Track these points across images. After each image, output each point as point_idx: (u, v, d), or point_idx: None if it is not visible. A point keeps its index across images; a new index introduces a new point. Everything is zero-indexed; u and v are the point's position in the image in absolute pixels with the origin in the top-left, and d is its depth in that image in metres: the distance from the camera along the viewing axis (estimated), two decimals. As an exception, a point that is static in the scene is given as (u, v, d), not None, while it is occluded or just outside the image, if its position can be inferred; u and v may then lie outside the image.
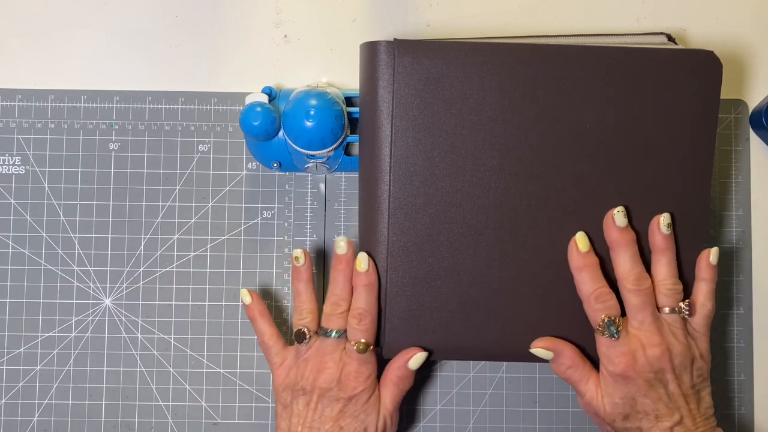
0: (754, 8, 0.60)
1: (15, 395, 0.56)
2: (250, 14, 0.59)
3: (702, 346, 0.50)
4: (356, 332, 0.50)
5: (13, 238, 0.57)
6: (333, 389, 0.49)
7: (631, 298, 0.49)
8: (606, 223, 0.50)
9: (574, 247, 0.50)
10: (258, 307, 0.53)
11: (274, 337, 0.53)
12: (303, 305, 0.52)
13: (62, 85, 0.58)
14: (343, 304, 0.51)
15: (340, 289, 0.51)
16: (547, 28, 0.59)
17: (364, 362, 0.50)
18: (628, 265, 0.49)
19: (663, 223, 0.50)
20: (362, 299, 0.51)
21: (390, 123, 0.50)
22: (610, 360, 0.48)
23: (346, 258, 0.51)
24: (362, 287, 0.51)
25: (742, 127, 0.59)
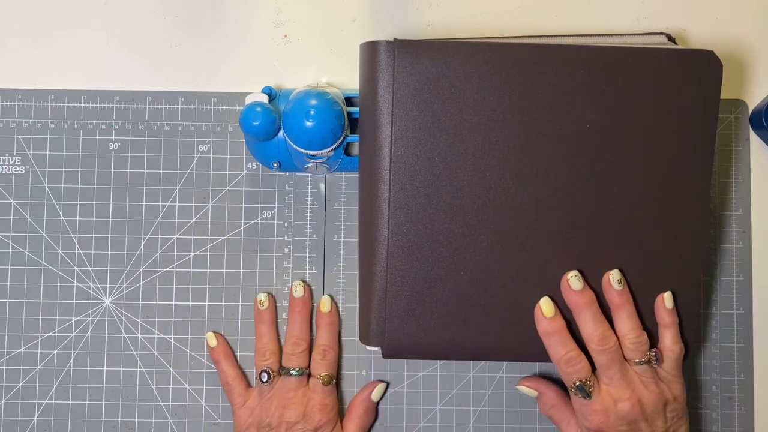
0: (754, 8, 0.60)
1: (15, 395, 0.56)
2: (250, 14, 0.59)
3: (675, 389, 0.50)
4: (320, 366, 0.54)
5: (13, 238, 0.57)
6: (299, 422, 0.52)
7: (599, 357, 0.50)
8: (563, 288, 0.51)
9: (540, 313, 0.50)
10: (223, 349, 0.56)
11: (237, 379, 0.55)
12: (266, 347, 0.55)
13: (62, 85, 0.58)
14: (302, 344, 0.55)
15: (299, 329, 0.55)
16: (547, 28, 0.59)
17: (327, 394, 0.54)
18: (591, 325, 0.50)
19: (613, 280, 0.50)
20: (325, 336, 0.55)
21: (390, 123, 0.50)
22: (585, 417, 0.50)
23: (302, 300, 0.56)
24: (326, 326, 0.56)
25: (742, 127, 0.59)
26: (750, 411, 0.57)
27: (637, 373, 0.50)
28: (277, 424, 0.52)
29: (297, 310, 0.56)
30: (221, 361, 0.56)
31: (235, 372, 0.56)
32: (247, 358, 0.57)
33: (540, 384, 0.54)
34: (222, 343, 0.56)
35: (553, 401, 0.53)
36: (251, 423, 0.53)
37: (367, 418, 0.55)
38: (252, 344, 0.57)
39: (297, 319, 0.56)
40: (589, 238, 0.51)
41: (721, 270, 0.58)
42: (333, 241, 0.58)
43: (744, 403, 0.57)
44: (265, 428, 0.53)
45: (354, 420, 0.55)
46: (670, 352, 0.50)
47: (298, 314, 0.56)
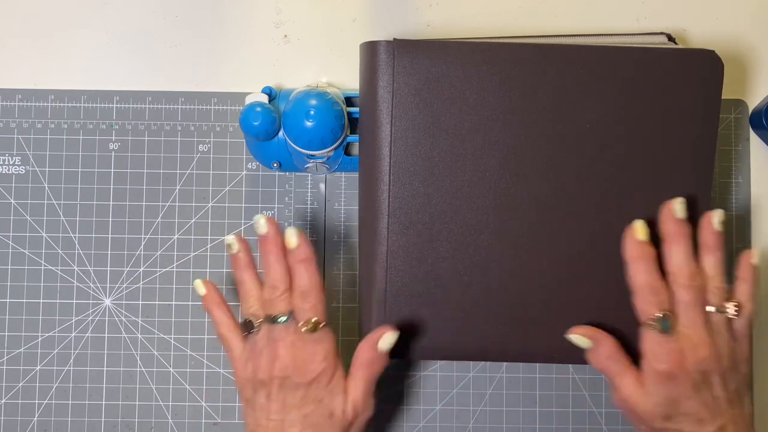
0: (754, 8, 0.60)
1: (15, 395, 0.56)
2: (250, 14, 0.59)
3: (744, 350, 0.48)
4: (303, 312, 0.48)
5: (13, 238, 0.57)
6: (290, 376, 0.47)
7: (684, 294, 0.47)
8: (663, 214, 0.48)
9: (631, 236, 0.48)
10: (213, 297, 0.51)
11: (230, 328, 0.50)
12: (248, 292, 0.50)
13: (62, 85, 0.58)
14: (280, 286, 0.48)
15: (273, 270, 0.49)
16: (547, 28, 0.59)
17: (317, 342, 0.47)
18: (684, 259, 0.47)
19: (716, 220, 0.48)
20: (302, 276, 0.48)
21: (390, 123, 0.50)
22: (657, 357, 0.46)
23: (270, 237, 0.49)
24: (299, 263, 0.48)
25: (742, 127, 0.59)
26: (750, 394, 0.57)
27: (713, 322, 0.47)
28: (269, 380, 0.47)
29: (267, 249, 0.49)
30: (213, 309, 0.51)
31: (229, 321, 0.50)
32: (247, 358, 0.57)
33: (597, 333, 0.49)
34: (212, 290, 0.51)
35: (611, 351, 0.48)
36: (246, 378, 0.48)
37: (374, 368, 0.49)
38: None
39: (270, 259, 0.49)
40: (588, 238, 0.51)
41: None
42: (333, 241, 0.58)
43: (744, 403, 0.57)
44: (259, 384, 0.48)
45: (360, 369, 0.48)
46: (745, 309, 0.47)
47: (269, 253, 0.49)
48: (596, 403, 0.57)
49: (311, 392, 0.47)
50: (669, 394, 0.46)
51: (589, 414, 0.57)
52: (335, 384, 0.48)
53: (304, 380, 0.47)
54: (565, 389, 0.57)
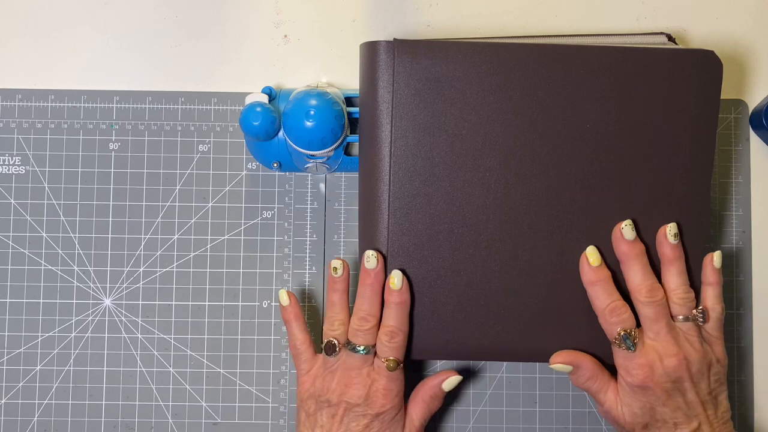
0: (754, 8, 0.60)
1: (15, 395, 0.56)
2: (250, 14, 0.59)
3: (718, 351, 0.50)
4: (387, 349, 0.50)
5: (13, 238, 0.57)
6: (360, 405, 0.49)
7: (645, 310, 0.49)
8: (614, 236, 0.50)
9: (586, 262, 0.50)
10: (294, 310, 0.53)
11: (306, 344, 0.52)
12: (336, 316, 0.51)
13: (62, 85, 0.58)
14: (371, 320, 0.50)
15: (368, 304, 0.51)
16: (547, 28, 0.59)
17: (392, 379, 0.50)
18: (640, 277, 0.49)
19: (670, 233, 0.50)
20: (393, 317, 0.50)
21: (390, 123, 0.50)
22: (628, 372, 0.49)
23: (375, 272, 0.50)
24: (395, 305, 0.50)
25: (742, 127, 0.59)
26: (750, 411, 0.57)
27: (682, 330, 0.49)
28: (337, 402, 0.49)
29: (368, 283, 0.51)
30: (292, 322, 0.52)
31: (304, 336, 0.52)
32: (248, 357, 0.57)
33: (575, 356, 0.51)
34: (294, 304, 0.53)
35: (590, 372, 0.50)
36: (312, 393, 0.51)
37: (433, 405, 0.52)
38: (254, 343, 0.57)
39: (366, 292, 0.51)
40: (588, 238, 0.51)
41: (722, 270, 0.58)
42: (333, 241, 0.58)
43: (744, 403, 0.57)
44: (324, 403, 0.50)
45: (419, 404, 0.51)
46: (713, 311, 0.50)
47: (368, 287, 0.51)
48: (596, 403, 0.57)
49: (375, 423, 0.50)
50: (644, 405, 0.49)
51: (589, 414, 0.57)
52: (397, 419, 0.50)
53: (372, 412, 0.49)
54: (565, 389, 0.57)
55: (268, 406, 0.57)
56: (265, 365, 0.57)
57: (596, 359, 0.51)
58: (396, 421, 0.50)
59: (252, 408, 0.57)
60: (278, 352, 0.57)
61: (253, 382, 0.57)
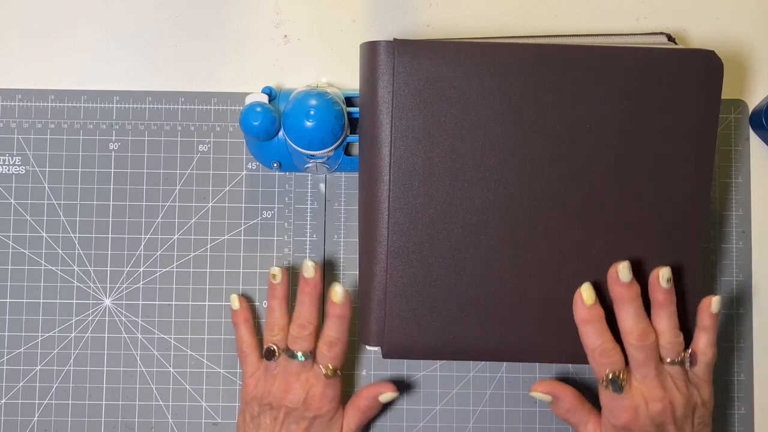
0: (754, 8, 0.60)
1: (15, 395, 0.56)
2: (250, 14, 0.59)
3: (704, 393, 0.50)
4: (326, 358, 0.52)
5: (13, 238, 0.57)
6: (299, 409, 0.51)
7: (635, 353, 0.49)
8: (610, 277, 0.50)
9: (579, 300, 0.50)
10: (244, 314, 0.55)
11: (251, 347, 0.54)
12: (276, 321, 0.54)
13: (62, 85, 0.58)
14: (309, 327, 0.52)
15: (307, 312, 0.52)
16: (547, 28, 0.59)
17: (330, 385, 0.52)
18: (633, 320, 0.49)
19: (663, 278, 0.49)
20: (334, 328, 0.52)
21: (390, 123, 0.50)
22: (613, 413, 0.49)
23: (313, 282, 0.52)
24: (335, 317, 0.52)
25: (742, 127, 0.59)
26: (750, 411, 0.57)
27: (669, 374, 0.49)
28: (278, 406, 0.51)
29: (306, 291, 0.53)
30: (240, 325, 0.55)
31: (251, 340, 0.54)
32: (247, 358, 0.57)
33: (554, 388, 0.52)
34: (244, 308, 0.55)
35: (570, 404, 0.51)
36: (254, 396, 0.53)
37: (369, 413, 0.54)
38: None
39: (305, 300, 0.53)
40: (588, 238, 0.51)
41: (721, 270, 0.58)
42: (333, 241, 0.58)
43: (744, 403, 0.57)
44: (266, 406, 0.52)
45: (355, 411, 0.53)
46: (703, 356, 0.50)
47: (307, 296, 0.53)
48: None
49: (314, 426, 0.52)
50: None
51: (589, 414, 0.57)
52: (335, 422, 0.53)
53: (310, 415, 0.51)
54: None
55: (268, 406, 0.57)
56: (265, 365, 0.57)
57: (577, 392, 0.51)
58: (333, 423, 0.52)
59: (252, 408, 0.57)
60: (278, 352, 0.57)
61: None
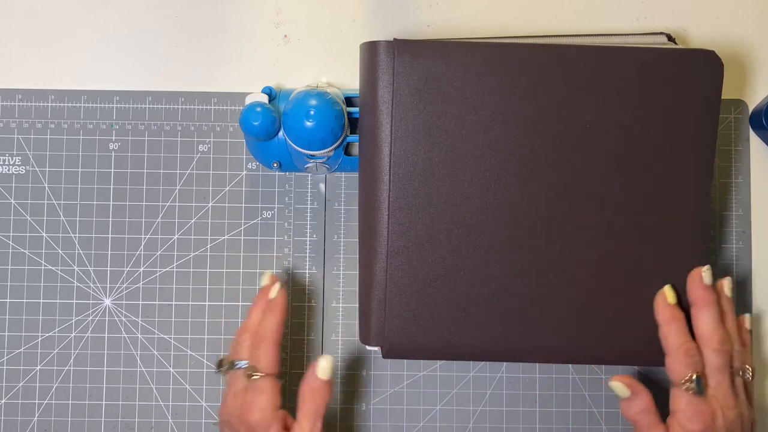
0: (754, 8, 0.60)
1: (15, 395, 0.56)
2: (250, 14, 0.59)
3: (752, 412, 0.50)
4: (253, 359, 0.49)
5: (13, 238, 0.57)
6: (232, 422, 0.48)
7: (715, 358, 0.48)
8: (692, 280, 0.50)
9: (662, 299, 0.50)
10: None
11: None
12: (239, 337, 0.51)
13: (62, 85, 0.58)
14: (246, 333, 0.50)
15: (249, 317, 0.51)
16: (548, 28, 0.59)
17: (258, 391, 0.48)
18: (713, 325, 0.49)
19: (727, 288, 0.51)
20: (263, 324, 0.50)
21: (390, 123, 0.50)
22: (689, 418, 0.48)
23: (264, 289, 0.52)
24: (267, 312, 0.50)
25: (742, 127, 0.59)
26: (750, 411, 0.57)
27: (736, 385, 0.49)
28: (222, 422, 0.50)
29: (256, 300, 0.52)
30: None
31: None
32: (247, 358, 0.57)
33: (636, 384, 0.50)
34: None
35: (645, 404, 0.49)
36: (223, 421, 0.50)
37: (317, 401, 0.48)
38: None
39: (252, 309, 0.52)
40: (588, 238, 0.51)
41: (721, 270, 0.58)
42: (333, 241, 0.58)
43: (744, 403, 0.57)
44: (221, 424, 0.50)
45: (301, 402, 0.48)
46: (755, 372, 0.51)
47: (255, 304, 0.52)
48: (596, 403, 0.57)
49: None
50: None
51: (589, 414, 0.57)
52: None
53: (242, 428, 0.48)
54: (565, 389, 0.57)
55: (268, 406, 0.57)
56: (265, 365, 0.57)
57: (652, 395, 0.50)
58: None
59: (252, 408, 0.57)
60: (278, 352, 0.57)
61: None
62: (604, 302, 0.51)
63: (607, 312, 0.51)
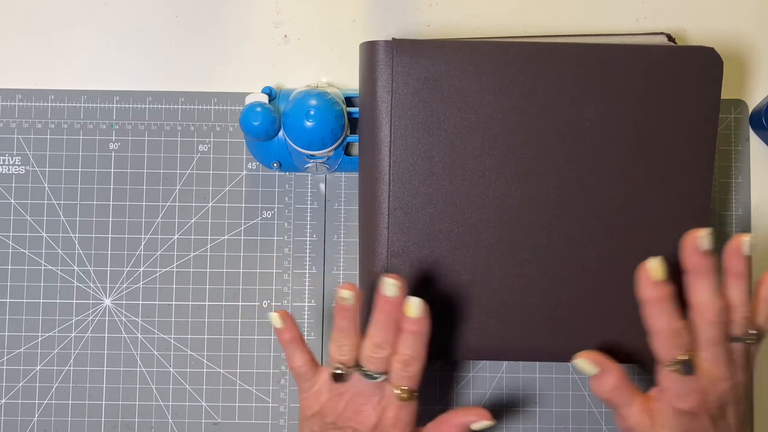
0: (754, 8, 0.60)
1: (15, 395, 0.56)
2: (250, 14, 0.59)
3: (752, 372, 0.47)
4: (401, 378, 0.47)
5: (13, 238, 0.57)
6: (337, 422, 0.47)
7: (709, 330, 0.45)
8: (687, 246, 0.46)
9: (646, 276, 0.45)
10: (290, 332, 0.49)
11: (307, 364, 0.49)
12: (345, 341, 0.48)
13: (62, 85, 0.59)
14: (386, 347, 0.47)
15: (384, 332, 0.47)
16: (547, 28, 0.59)
17: (404, 409, 0.47)
18: (710, 294, 0.45)
19: (746, 245, 0.45)
20: (410, 345, 0.47)
21: (389, 123, 0.50)
22: (679, 396, 0.45)
23: (394, 302, 0.47)
24: (411, 334, 0.47)
25: (742, 127, 0.59)
26: (750, 411, 0.57)
27: (733, 351, 0.45)
28: (343, 426, 0.47)
29: (386, 311, 0.47)
30: (288, 345, 0.49)
31: (304, 357, 0.49)
32: (248, 357, 0.57)
33: (603, 360, 0.47)
34: (291, 325, 0.49)
35: (617, 380, 0.46)
36: (317, 413, 0.48)
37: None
38: (254, 343, 0.57)
39: (383, 320, 0.47)
40: (588, 237, 0.51)
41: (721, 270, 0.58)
42: (333, 241, 0.58)
43: (744, 403, 0.57)
44: (330, 425, 0.47)
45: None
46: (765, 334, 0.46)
47: (386, 315, 0.47)
48: (596, 403, 0.57)
49: None
50: (686, 430, 0.45)
51: (589, 414, 0.57)
52: None
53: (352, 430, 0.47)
54: (565, 389, 0.57)
55: (268, 406, 0.57)
56: (265, 365, 0.57)
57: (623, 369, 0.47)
58: None
59: (252, 408, 0.57)
60: (278, 352, 0.57)
61: (253, 382, 0.57)
62: (605, 301, 0.51)
63: (609, 311, 0.51)
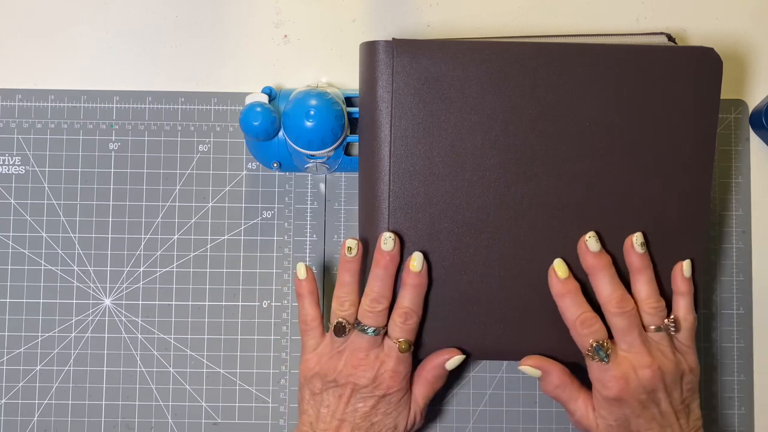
0: (754, 8, 0.60)
1: (15, 395, 0.56)
2: (250, 14, 0.59)
3: (690, 360, 0.50)
4: (399, 331, 0.49)
5: (13, 238, 0.57)
6: (368, 386, 0.49)
7: (617, 321, 0.49)
8: (580, 249, 0.50)
9: (554, 275, 0.50)
10: (310, 285, 0.52)
11: (316, 321, 0.51)
12: (346, 296, 0.50)
13: (62, 85, 0.59)
14: (383, 302, 0.50)
15: (381, 286, 0.50)
16: (548, 28, 0.59)
17: (402, 361, 0.50)
18: (609, 288, 0.49)
19: (636, 243, 0.50)
20: (409, 298, 0.50)
21: (389, 123, 0.50)
22: (603, 384, 0.48)
23: (391, 255, 0.50)
24: (411, 286, 0.50)
25: (742, 127, 0.59)
26: (750, 411, 0.57)
27: (654, 341, 0.49)
28: (344, 383, 0.49)
29: (383, 265, 0.50)
30: (305, 297, 0.51)
31: (315, 312, 0.51)
32: (248, 357, 0.57)
33: (545, 363, 0.51)
34: (310, 278, 0.52)
35: (559, 380, 0.50)
36: (317, 372, 0.50)
37: (437, 385, 0.51)
38: (254, 343, 0.57)
39: (381, 274, 0.50)
40: (589, 238, 0.51)
41: (721, 270, 0.58)
42: (333, 241, 0.58)
43: (744, 403, 0.57)
44: (331, 383, 0.49)
45: (423, 385, 0.51)
46: (685, 321, 0.50)
47: (383, 269, 0.50)
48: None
49: (382, 404, 0.49)
50: (619, 417, 0.48)
51: (589, 414, 0.57)
52: (404, 401, 0.50)
53: (379, 393, 0.49)
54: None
55: (268, 406, 0.57)
56: (265, 365, 0.57)
57: (566, 368, 0.51)
58: (403, 402, 0.50)
59: (252, 408, 0.57)
60: (278, 352, 0.57)
61: (253, 382, 0.57)
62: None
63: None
